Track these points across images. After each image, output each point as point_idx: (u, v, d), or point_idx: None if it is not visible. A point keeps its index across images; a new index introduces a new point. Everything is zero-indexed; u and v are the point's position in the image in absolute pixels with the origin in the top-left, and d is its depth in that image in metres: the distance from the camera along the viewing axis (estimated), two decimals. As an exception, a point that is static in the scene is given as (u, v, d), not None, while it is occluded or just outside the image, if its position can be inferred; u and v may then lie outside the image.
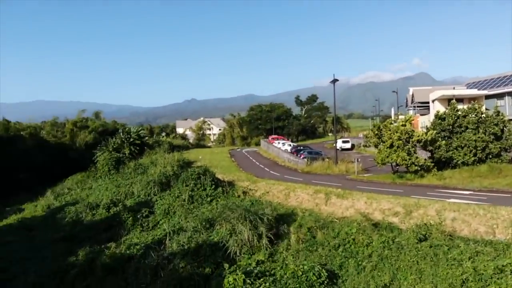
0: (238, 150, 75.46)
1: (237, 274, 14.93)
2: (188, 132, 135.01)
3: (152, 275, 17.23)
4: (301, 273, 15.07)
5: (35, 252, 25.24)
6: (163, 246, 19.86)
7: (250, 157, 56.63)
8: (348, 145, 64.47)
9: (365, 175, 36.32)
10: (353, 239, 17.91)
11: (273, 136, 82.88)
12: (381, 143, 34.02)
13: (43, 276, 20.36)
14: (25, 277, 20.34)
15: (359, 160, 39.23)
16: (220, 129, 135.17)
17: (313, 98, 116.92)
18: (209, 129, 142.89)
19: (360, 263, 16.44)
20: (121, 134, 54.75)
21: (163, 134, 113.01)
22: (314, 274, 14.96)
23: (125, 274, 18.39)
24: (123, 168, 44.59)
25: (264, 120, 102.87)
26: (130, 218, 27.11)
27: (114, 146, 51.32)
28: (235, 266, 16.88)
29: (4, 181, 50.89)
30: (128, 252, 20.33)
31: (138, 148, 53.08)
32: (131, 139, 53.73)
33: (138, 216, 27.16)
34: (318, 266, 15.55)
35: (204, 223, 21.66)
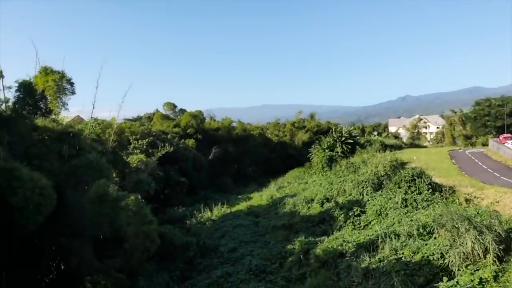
0: (459, 150, 66.89)
1: (457, 290, 13.48)
2: (401, 131, 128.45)
3: (363, 275, 17.44)
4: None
5: (259, 236, 29.43)
6: (375, 247, 19.81)
7: (475, 159, 49.18)
8: None
9: None
10: None
11: (505, 135, 69.95)
12: None
13: (265, 259, 23.54)
14: (251, 258, 23.90)
15: None
16: (438, 127, 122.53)
17: None
18: (425, 127, 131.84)
19: None
20: (334, 133, 57.09)
21: (375, 133, 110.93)
22: None
23: (337, 269, 19.24)
24: (335, 166, 46.77)
25: (493, 117, 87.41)
26: (342, 215, 28.26)
27: (327, 145, 54.13)
28: (454, 280, 15.24)
29: (239, 172, 61.82)
30: (340, 248, 21.18)
31: (349, 147, 54.23)
32: (343, 138, 55.32)
33: (350, 214, 28.01)
34: None
35: (419, 230, 20.46)
